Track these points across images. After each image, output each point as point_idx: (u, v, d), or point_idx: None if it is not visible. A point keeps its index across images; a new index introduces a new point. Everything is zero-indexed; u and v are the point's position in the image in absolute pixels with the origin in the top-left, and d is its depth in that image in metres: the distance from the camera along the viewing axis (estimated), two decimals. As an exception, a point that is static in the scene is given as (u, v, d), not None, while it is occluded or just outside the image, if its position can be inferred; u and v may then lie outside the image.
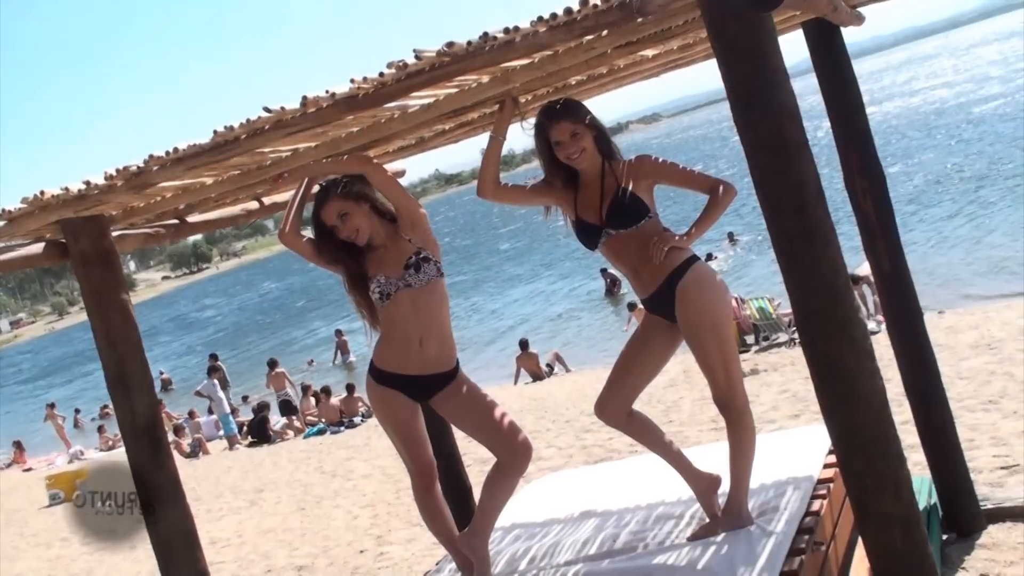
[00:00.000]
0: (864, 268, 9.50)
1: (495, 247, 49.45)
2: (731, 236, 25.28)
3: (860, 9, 4.59)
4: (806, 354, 2.79)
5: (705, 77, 3.67)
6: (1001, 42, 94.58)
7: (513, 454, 3.78)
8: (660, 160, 3.80)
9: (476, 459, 6.67)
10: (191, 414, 19.53)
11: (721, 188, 3.68)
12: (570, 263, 32.65)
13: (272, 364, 20.11)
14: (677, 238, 3.68)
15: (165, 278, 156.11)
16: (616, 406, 3.85)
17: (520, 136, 3.91)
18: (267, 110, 2.97)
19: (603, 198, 3.71)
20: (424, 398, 3.89)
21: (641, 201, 3.69)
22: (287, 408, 18.71)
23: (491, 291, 32.68)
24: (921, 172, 28.03)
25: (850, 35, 4.56)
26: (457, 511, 4.66)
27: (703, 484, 3.87)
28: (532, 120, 3.81)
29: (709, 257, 22.49)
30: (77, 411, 28.85)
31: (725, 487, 3.80)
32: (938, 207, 22.48)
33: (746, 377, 10.67)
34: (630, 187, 3.69)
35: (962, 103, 48.33)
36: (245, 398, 21.40)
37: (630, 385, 3.87)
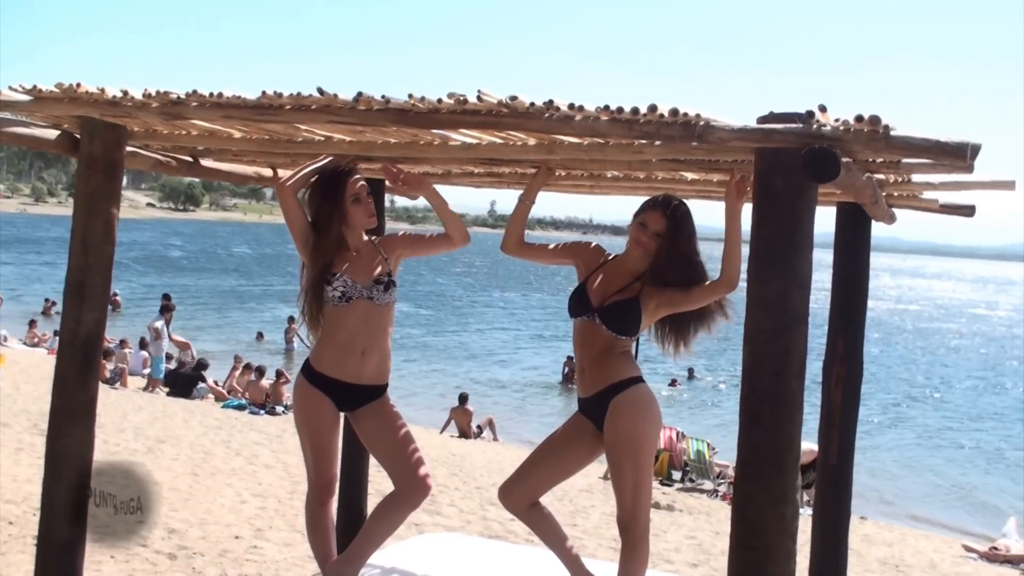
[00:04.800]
0: (804, 445, 9.46)
1: (466, 296, 49.42)
2: (691, 371, 25.39)
3: (895, 210, 4.67)
4: (734, 514, 2.79)
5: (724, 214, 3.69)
6: (1002, 288, 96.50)
7: (412, 487, 3.78)
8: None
9: (379, 491, 6.58)
10: (123, 343, 19.25)
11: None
12: (536, 340, 32.67)
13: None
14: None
15: (150, 204, 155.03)
16: (520, 494, 3.85)
17: (539, 204, 3.96)
18: (320, 92, 3.00)
19: (617, 292, 3.70)
20: (349, 408, 3.90)
21: (639, 322, 3.68)
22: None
23: (449, 337, 32.53)
24: (875, 378, 28.32)
25: (873, 228, 4.64)
26: (343, 535, 4.60)
27: (589, 595, 3.85)
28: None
29: (673, 383, 22.66)
30: (52, 303, 27.69)
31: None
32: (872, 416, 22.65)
33: (661, 510, 10.64)
34: (643, 302, 3.67)
35: (938, 327, 49.41)
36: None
37: (540, 478, 3.86)
